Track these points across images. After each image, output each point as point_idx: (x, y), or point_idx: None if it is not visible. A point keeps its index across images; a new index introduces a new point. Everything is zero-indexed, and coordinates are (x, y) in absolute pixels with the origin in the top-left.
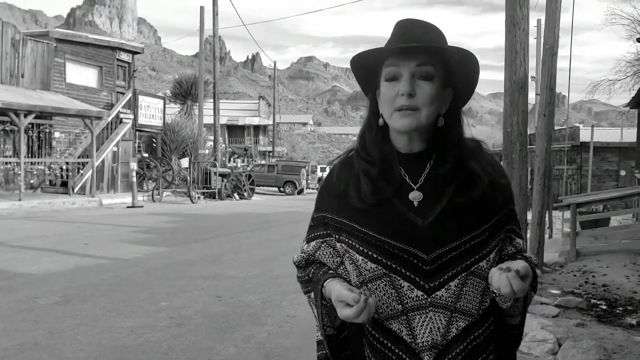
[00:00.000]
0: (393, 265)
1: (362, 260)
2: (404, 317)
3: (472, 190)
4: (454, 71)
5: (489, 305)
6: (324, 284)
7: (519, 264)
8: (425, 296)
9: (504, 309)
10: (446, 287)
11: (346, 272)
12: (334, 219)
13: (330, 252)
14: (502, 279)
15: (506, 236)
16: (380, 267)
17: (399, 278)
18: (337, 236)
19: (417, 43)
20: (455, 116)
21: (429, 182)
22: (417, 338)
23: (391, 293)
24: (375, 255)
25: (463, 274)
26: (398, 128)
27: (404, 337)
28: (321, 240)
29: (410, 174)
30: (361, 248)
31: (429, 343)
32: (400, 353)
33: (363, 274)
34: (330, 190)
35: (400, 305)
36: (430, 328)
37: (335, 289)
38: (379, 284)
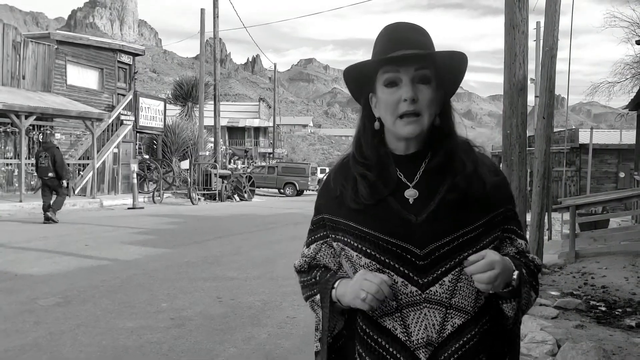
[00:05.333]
0: (386, 260)
1: (357, 256)
2: (399, 314)
3: (459, 179)
4: (442, 69)
5: (484, 304)
6: (335, 285)
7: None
8: (420, 292)
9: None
10: (440, 282)
11: (347, 274)
12: (331, 219)
13: (331, 252)
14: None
15: (506, 236)
16: (374, 263)
17: (392, 273)
18: (333, 235)
19: (415, 49)
20: (446, 109)
21: (424, 180)
22: (412, 335)
23: None
24: (369, 251)
25: (457, 269)
26: (404, 135)
27: (399, 335)
28: (321, 242)
29: (405, 173)
30: (355, 244)
31: (424, 340)
32: (394, 352)
33: (358, 270)
34: (327, 193)
35: (394, 302)
36: (425, 325)
37: (358, 273)
38: None
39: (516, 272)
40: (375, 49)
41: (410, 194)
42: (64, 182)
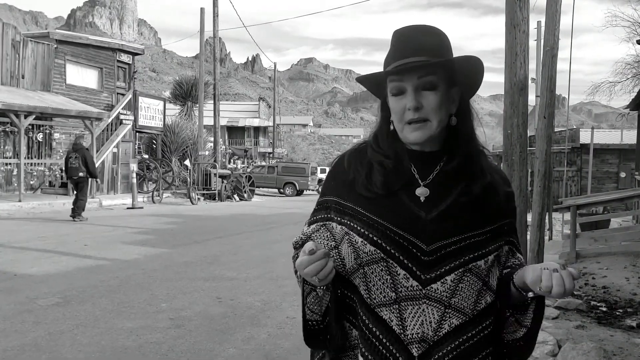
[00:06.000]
0: (392, 251)
1: (362, 242)
2: (396, 306)
3: (475, 186)
4: (457, 71)
5: (484, 308)
6: None
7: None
8: (420, 287)
9: (508, 322)
10: (442, 280)
11: (339, 257)
12: (338, 202)
13: (326, 235)
14: (555, 277)
15: (509, 248)
16: (378, 251)
17: (395, 265)
18: (338, 218)
19: (421, 54)
20: (465, 111)
21: (438, 180)
22: (407, 329)
23: (386, 279)
24: (375, 239)
25: (460, 270)
26: (411, 141)
27: (394, 327)
28: (321, 223)
29: (420, 170)
30: (362, 230)
31: (419, 335)
32: (387, 343)
33: (361, 256)
34: (338, 175)
35: (393, 293)
36: (422, 321)
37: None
38: (375, 269)
39: None
40: (387, 54)
41: (422, 192)
42: (98, 180)
